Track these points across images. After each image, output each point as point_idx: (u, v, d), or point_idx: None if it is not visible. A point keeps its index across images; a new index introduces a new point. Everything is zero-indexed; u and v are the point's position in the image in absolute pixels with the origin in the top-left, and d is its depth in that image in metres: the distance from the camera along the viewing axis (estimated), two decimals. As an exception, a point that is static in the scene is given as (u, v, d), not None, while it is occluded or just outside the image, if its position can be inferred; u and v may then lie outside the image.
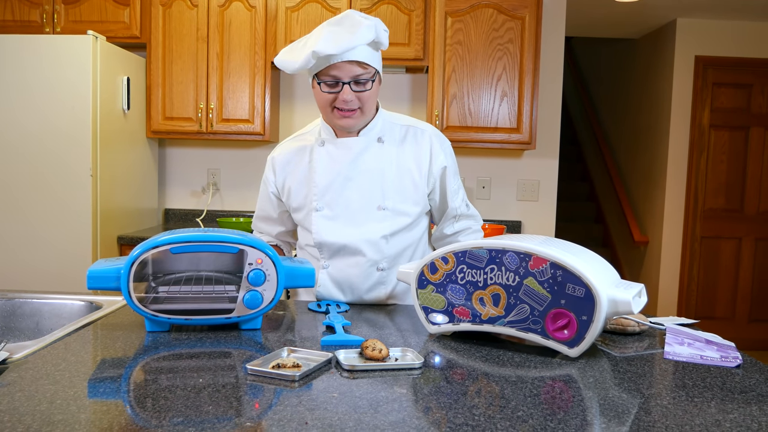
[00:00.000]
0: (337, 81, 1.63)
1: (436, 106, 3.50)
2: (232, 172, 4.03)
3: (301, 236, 1.88)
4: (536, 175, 3.96)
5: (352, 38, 1.57)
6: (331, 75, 1.62)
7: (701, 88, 4.88)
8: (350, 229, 1.75)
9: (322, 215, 1.76)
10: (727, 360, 1.29)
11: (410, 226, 1.80)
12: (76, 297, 1.71)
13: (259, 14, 3.55)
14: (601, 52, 6.59)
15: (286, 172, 1.82)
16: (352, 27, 1.60)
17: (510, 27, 3.47)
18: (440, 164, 1.78)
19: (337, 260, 1.78)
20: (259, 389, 1.06)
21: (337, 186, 1.74)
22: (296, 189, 1.80)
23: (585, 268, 1.24)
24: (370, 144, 1.75)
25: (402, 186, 1.76)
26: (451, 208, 1.85)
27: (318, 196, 1.75)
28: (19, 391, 1.02)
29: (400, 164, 1.76)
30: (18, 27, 3.60)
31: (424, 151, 1.77)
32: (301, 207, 1.80)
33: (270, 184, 1.87)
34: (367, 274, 1.77)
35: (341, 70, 1.61)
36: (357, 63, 1.61)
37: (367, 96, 1.66)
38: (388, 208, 1.74)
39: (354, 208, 1.74)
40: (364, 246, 1.74)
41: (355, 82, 1.63)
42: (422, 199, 1.80)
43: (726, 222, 5.01)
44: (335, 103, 1.66)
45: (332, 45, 1.56)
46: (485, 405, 1.01)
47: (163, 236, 1.39)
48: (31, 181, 3.11)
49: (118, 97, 3.34)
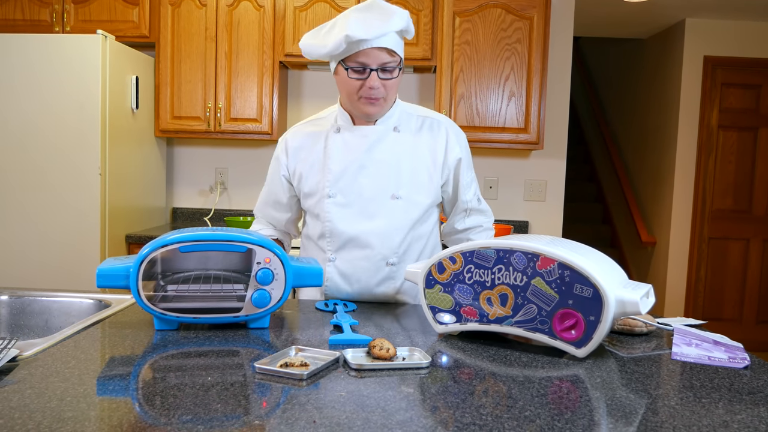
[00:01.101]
0: (365, 68, 1.62)
1: (443, 105, 3.50)
2: (240, 171, 4.04)
3: (309, 226, 1.86)
4: (544, 175, 3.96)
5: (384, 25, 1.58)
6: (358, 61, 1.62)
7: (710, 89, 4.86)
8: (362, 219, 1.74)
9: (335, 202, 1.75)
10: (735, 361, 1.29)
11: (422, 219, 1.79)
12: (85, 295, 1.72)
13: (268, 14, 3.56)
14: (609, 52, 6.57)
15: (299, 157, 1.80)
16: (383, 14, 1.60)
17: (518, 27, 3.47)
18: (455, 156, 1.79)
19: (345, 252, 1.77)
20: (267, 388, 1.06)
21: (351, 173, 1.74)
22: (308, 174, 1.79)
23: (593, 268, 1.24)
24: (386, 133, 1.75)
25: (416, 176, 1.76)
26: (462, 201, 1.85)
27: (331, 182, 1.74)
28: (29, 389, 1.02)
29: (415, 154, 1.76)
30: (28, 26, 3.62)
31: (440, 143, 1.78)
32: (313, 193, 1.79)
33: (282, 165, 1.84)
34: (377, 268, 1.76)
35: (369, 56, 1.61)
36: (386, 50, 1.61)
37: (392, 84, 1.67)
38: (402, 198, 1.74)
39: (367, 195, 1.74)
40: (375, 239, 1.74)
41: (382, 70, 1.63)
42: (435, 189, 1.79)
43: (734, 223, 4.99)
44: (361, 91, 1.65)
45: (364, 30, 1.57)
46: (492, 405, 1.01)
47: (172, 235, 1.40)
48: (40, 179, 3.13)
49: (127, 96, 3.36)
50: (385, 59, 1.62)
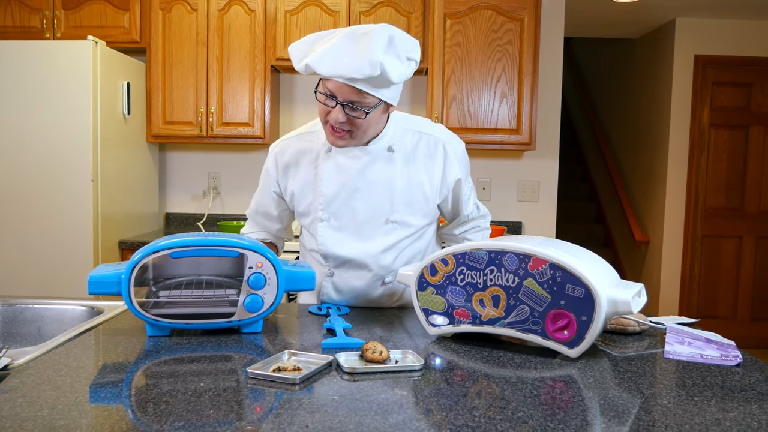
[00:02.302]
0: (333, 98, 1.52)
1: (435, 107, 3.51)
2: (233, 175, 4.03)
3: (307, 240, 1.82)
4: (536, 175, 3.97)
5: (350, 66, 1.44)
6: (327, 87, 1.52)
7: (701, 88, 4.88)
8: (356, 242, 1.70)
9: (328, 225, 1.71)
10: (728, 359, 1.29)
11: (418, 238, 1.76)
12: (78, 302, 1.71)
13: (259, 18, 3.56)
14: (600, 52, 6.60)
15: (289, 174, 1.75)
16: (362, 54, 1.44)
17: (509, 28, 3.48)
18: (454, 176, 1.70)
19: (342, 271, 1.75)
20: (260, 393, 1.06)
21: (343, 196, 1.67)
22: (300, 194, 1.73)
23: (584, 268, 1.24)
24: (379, 154, 1.66)
25: (412, 198, 1.69)
26: (463, 215, 1.82)
27: (324, 205, 1.69)
28: (20, 397, 1.02)
29: (411, 176, 1.68)
30: (18, 33, 3.61)
31: (437, 163, 1.69)
32: (306, 213, 1.75)
33: (273, 181, 1.78)
34: (373, 287, 1.75)
35: (335, 88, 1.50)
36: (354, 89, 1.48)
37: (360, 123, 1.55)
38: (397, 221, 1.68)
39: (360, 219, 1.68)
40: (370, 261, 1.70)
41: (349, 107, 1.51)
42: (432, 210, 1.74)
43: (727, 221, 5.01)
44: (328, 117, 1.56)
45: (327, 65, 1.46)
46: (485, 406, 1.01)
47: (163, 241, 1.39)
48: (31, 186, 3.12)
49: (119, 101, 3.35)
50: (352, 97, 1.49)
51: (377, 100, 1.52)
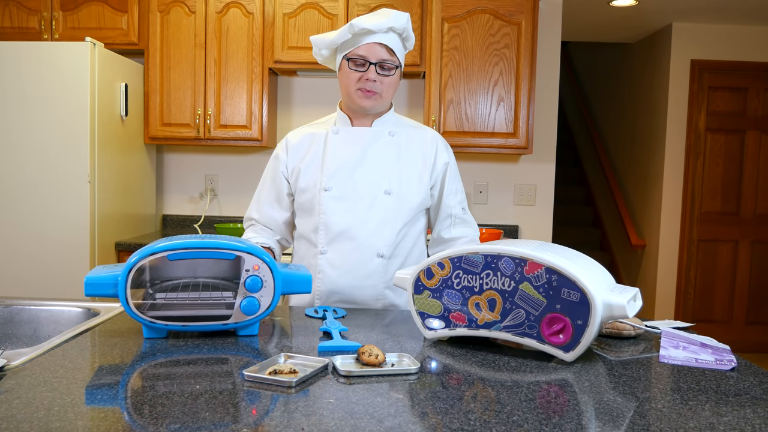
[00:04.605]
0: (365, 61, 1.77)
1: (433, 111, 3.51)
2: (230, 178, 4.03)
3: (300, 223, 1.94)
4: (533, 179, 3.97)
5: (386, 19, 1.75)
6: (359, 54, 1.77)
7: (697, 92, 4.90)
8: (355, 212, 1.84)
9: (330, 195, 1.84)
10: (722, 363, 1.30)
11: (411, 220, 1.89)
12: (74, 304, 1.71)
13: (257, 20, 3.56)
14: (597, 56, 6.62)
15: (298, 155, 1.92)
16: (386, 14, 1.77)
17: (506, 32, 3.49)
18: (443, 160, 1.93)
19: (336, 245, 1.85)
20: (256, 395, 1.06)
21: (347, 169, 1.85)
22: (305, 171, 1.89)
23: (580, 272, 1.25)
24: (381, 134, 1.89)
25: (408, 174, 1.88)
26: (446, 205, 1.95)
27: (328, 177, 1.85)
28: (16, 399, 1.02)
29: (408, 155, 1.90)
30: (16, 34, 3.61)
31: (429, 148, 1.93)
32: (307, 188, 1.88)
33: (281, 163, 1.94)
34: (368, 260, 1.83)
35: (370, 51, 1.77)
36: (386, 48, 1.77)
37: (389, 82, 1.81)
38: (393, 193, 1.85)
39: (361, 191, 1.84)
40: (365, 232, 1.83)
41: (380, 66, 1.78)
42: (425, 189, 1.90)
43: (723, 225, 5.03)
44: (359, 84, 1.79)
45: (368, 21, 1.74)
46: (481, 410, 1.02)
47: (160, 243, 1.39)
48: (28, 187, 3.11)
49: (116, 103, 3.35)
50: (384, 56, 1.78)
51: (398, 62, 1.82)
